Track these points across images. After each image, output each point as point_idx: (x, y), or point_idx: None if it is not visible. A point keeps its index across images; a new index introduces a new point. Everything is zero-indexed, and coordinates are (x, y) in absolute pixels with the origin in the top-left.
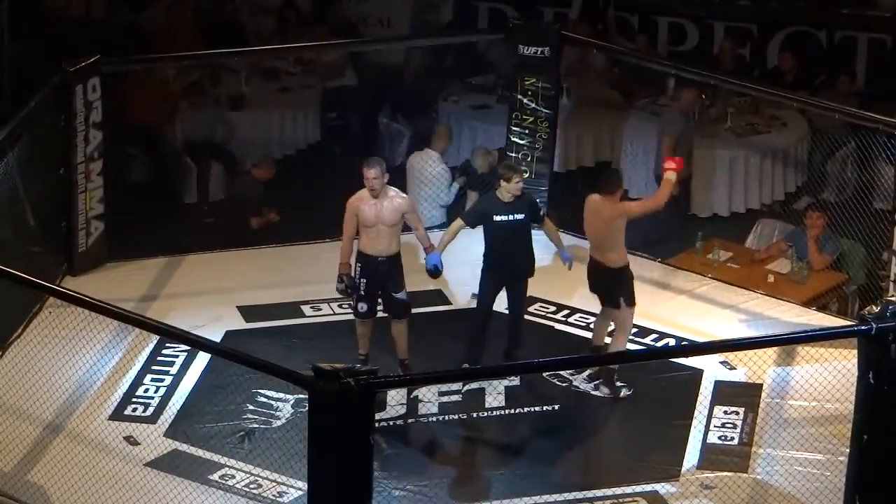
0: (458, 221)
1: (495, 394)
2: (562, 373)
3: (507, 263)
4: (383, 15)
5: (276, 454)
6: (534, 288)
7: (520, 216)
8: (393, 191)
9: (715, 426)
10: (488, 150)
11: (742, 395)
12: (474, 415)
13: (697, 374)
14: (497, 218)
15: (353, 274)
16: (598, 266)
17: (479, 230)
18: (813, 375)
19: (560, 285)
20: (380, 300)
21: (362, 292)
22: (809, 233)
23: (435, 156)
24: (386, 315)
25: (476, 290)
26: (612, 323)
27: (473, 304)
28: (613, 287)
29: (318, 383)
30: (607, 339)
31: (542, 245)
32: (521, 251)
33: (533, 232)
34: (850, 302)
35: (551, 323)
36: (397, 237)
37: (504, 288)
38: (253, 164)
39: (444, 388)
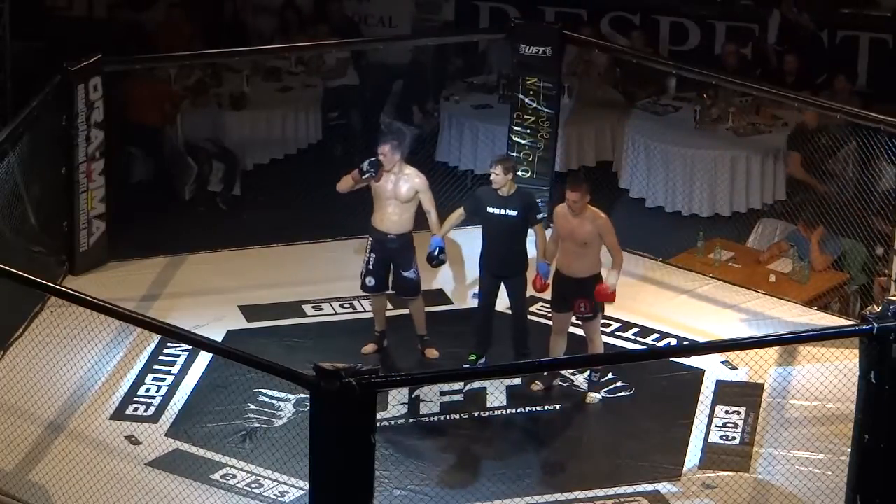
0: (460, 209)
1: (497, 393)
2: (563, 373)
3: (497, 258)
4: (385, 14)
5: (277, 454)
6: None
7: (512, 213)
8: (410, 169)
9: (716, 426)
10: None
11: (743, 394)
12: (476, 414)
13: (699, 373)
14: (490, 210)
15: (365, 249)
16: (578, 274)
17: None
18: (814, 375)
19: None
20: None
21: (370, 267)
22: (810, 238)
23: None
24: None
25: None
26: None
27: (475, 304)
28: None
29: (319, 383)
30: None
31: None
32: (510, 248)
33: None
34: (852, 302)
35: (552, 323)
36: (410, 216)
37: (503, 285)
38: None
39: (446, 387)
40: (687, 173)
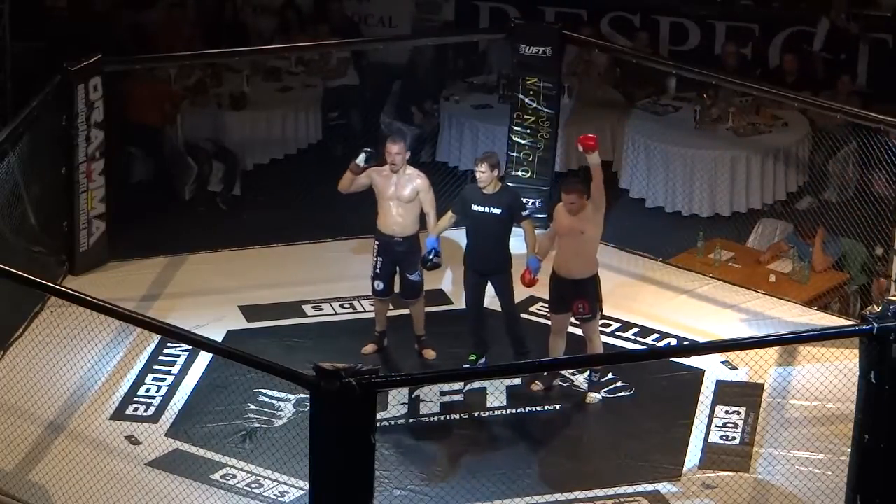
0: (449, 212)
1: (497, 394)
2: (563, 373)
3: (480, 256)
4: (385, 14)
5: (277, 454)
6: (535, 288)
7: (496, 210)
8: (411, 169)
9: (716, 426)
10: None
11: (743, 394)
12: (476, 414)
13: (699, 373)
14: (474, 207)
15: (372, 252)
16: (575, 275)
17: None
18: (814, 375)
19: None
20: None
21: (378, 271)
22: (814, 241)
23: None
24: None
25: None
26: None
27: None
28: (596, 293)
29: (319, 383)
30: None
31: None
32: (493, 246)
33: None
34: (852, 302)
35: (551, 323)
36: (414, 217)
37: (490, 283)
38: None
39: (446, 387)
40: (687, 173)
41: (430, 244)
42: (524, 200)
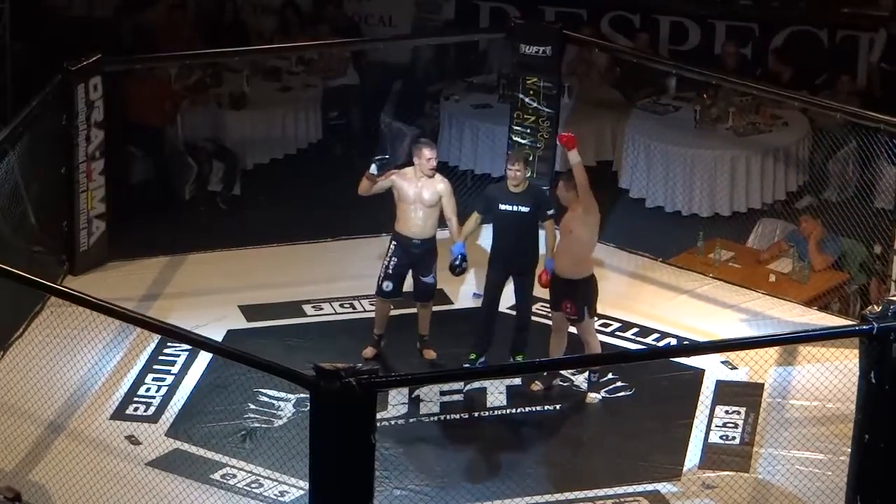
0: (475, 214)
1: (497, 393)
2: (563, 372)
3: (508, 255)
4: (385, 14)
5: (277, 454)
6: (536, 288)
7: (524, 208)
8: (436, 174)
9: (716, 426)
10: None
11: (743, 394)
12: (476, 414)
13: (699, 373)
14: (502, 207)
15: (386, 252)
16: (568, 275)
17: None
18: (814, 375)
19: None
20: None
21: (390, 271)
22: (809, 238)
23: None
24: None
25: (479, 290)
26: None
27: (475, 304)
28: (586, 297)
29: (319, 383)
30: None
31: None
32: (522, 244)
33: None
34: (852, 301)
35: (551, 322)
36: (434, 221)
37: (511, 282)
38: None
39: (446, 387)
40: (687, 173)
41: (456, 250)
42: None
